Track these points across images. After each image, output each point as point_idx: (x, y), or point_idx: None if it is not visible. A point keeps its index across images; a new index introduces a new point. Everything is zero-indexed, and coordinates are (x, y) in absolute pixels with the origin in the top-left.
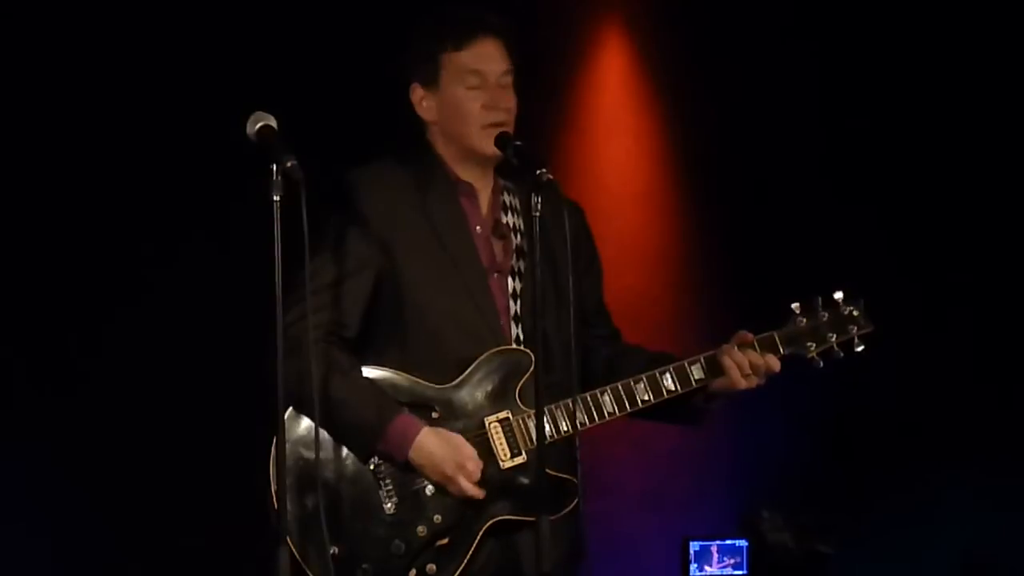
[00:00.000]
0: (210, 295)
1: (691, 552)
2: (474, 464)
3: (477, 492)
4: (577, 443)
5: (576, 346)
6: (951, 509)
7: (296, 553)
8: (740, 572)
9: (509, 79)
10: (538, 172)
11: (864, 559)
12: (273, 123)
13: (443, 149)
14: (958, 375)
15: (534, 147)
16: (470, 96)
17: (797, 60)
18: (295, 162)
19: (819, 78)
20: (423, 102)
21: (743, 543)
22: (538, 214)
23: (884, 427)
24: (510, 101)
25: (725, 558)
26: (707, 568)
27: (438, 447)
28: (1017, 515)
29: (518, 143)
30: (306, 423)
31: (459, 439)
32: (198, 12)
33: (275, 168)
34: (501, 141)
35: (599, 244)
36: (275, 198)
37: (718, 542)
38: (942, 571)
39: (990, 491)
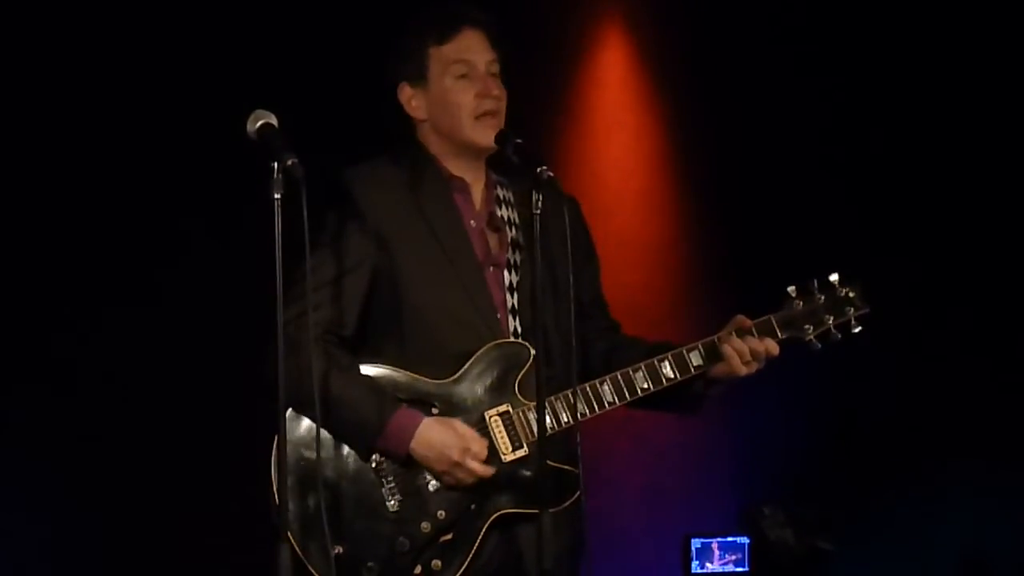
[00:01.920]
0: (209, 294)
1: (692, 549)
2: (479, 444)
3: (487, 470)
4: (579, 437)
5: (575, 339)
6: (953, 506)
7: (299, 553)
8: (741, 569)
9: (496, 68)
10: (539, 169)
11: (865, 556)
12: (274, 121)
13: (435, 146)
14: (960, 371)
15: (534, 144)
16: (460, 87)
17: (796, 57)
18: (296, 160)
19: (818, 74)
20: (412, 101)
21: (744, 540)
22: (539, 212)
23: (886, 424)
24: (499, 90)
25: (726, 555)
26: (708, 565)
27: (440, 435)
28: (1019, 512)
29: (518, 140)
30: (306, 423)
31: (458, 423)
32: (199, 11)
33: (276, 166)
34: (501, 138)
35: (599, 241)
36: (276, 196)
37: (719, 539)
38: (944, 568)
39: (992, 488)
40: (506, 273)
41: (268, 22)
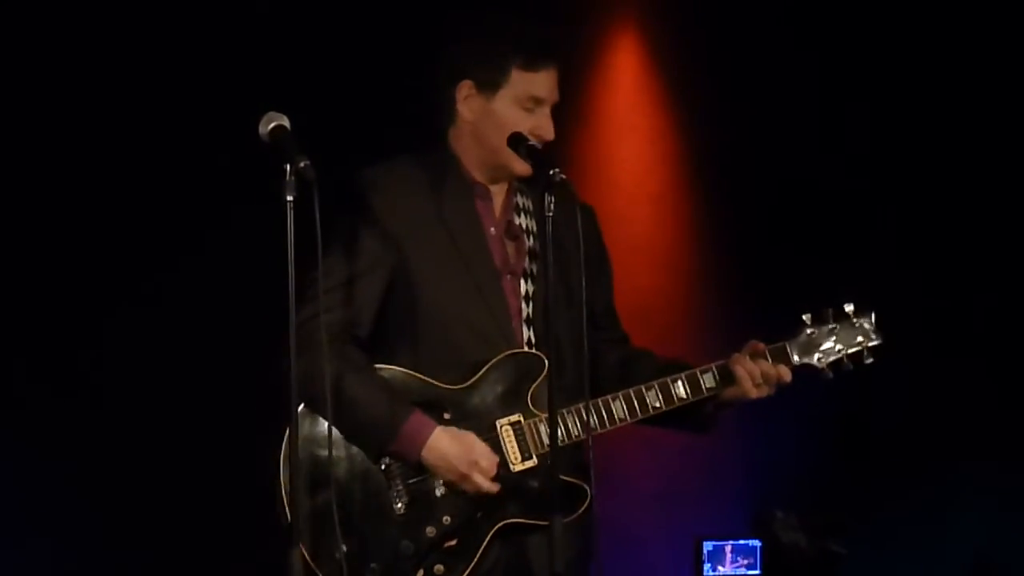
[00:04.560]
0: (221, 296)
1: (704, 552)
2: (488, 461)
3: (492, 487)
4: (592, 449)
5: (587, 349)
6: (963, 509)
7: (305, 552)
8: (753, 572)
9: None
10: (551, 172)
11: (877, 559)
12: (286, 123)
13: (468, 149)
14: (969, 375)
15: (546, 147)
16: (521, 116)
17: (810, 61)
18: (308, 162)
19: (833, 79)
20: (468, 99)
21: (756, 543)
22: (551, 214)
23: (897, 427)
24: (552, 133)
25: (738, 558)
26: (720, 568)
27: (451, 446)
28: None
29: (530, 143)
30: (318, 421)
31: (471, 437)
32: (211, 13)
33: (288, 168)
34: (513, 140)
35: (612, 245)
36: (289, 198)
37: (731, 542)
38: (954, 570)
39: (1003, 491)
40: (522, 282)
41: (280, 24)
